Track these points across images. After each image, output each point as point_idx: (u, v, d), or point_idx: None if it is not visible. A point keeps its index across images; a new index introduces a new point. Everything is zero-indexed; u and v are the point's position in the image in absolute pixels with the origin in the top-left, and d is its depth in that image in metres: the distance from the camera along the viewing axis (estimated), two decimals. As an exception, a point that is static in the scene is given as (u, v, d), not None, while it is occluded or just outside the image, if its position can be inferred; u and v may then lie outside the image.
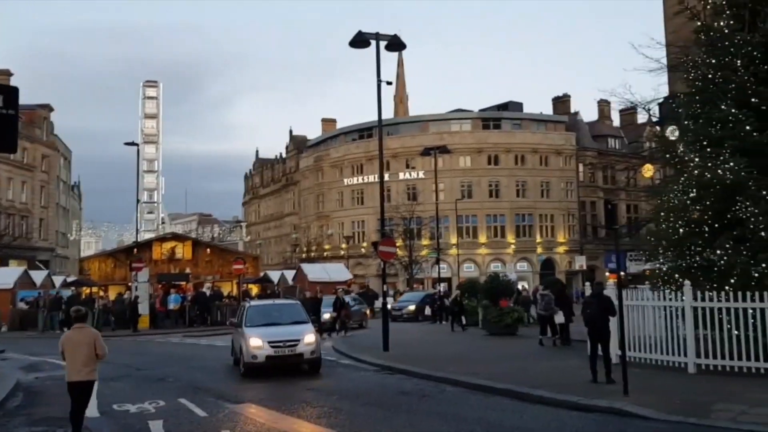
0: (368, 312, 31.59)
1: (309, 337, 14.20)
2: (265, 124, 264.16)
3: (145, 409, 10.71)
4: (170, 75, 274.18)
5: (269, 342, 13.81)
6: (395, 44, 18.72)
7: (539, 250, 57.63)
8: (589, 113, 67.05)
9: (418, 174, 57.16)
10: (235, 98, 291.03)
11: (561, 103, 64.67)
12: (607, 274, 51.51)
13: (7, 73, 59.62)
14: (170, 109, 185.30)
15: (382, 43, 18.50)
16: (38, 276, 38.73)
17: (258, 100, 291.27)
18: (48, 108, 66.00)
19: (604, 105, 62.90)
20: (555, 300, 18.81)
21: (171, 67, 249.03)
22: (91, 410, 10.71)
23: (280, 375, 13.99)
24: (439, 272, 37.27)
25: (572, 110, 63.99)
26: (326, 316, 25.69)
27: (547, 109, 65.82)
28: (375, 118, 19.72)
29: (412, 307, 33.61)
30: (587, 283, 19.53)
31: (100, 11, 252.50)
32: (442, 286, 34.12)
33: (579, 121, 62.38)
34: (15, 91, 4.97)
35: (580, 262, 54.53)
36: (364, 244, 54.47)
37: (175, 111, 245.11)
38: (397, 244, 32.30)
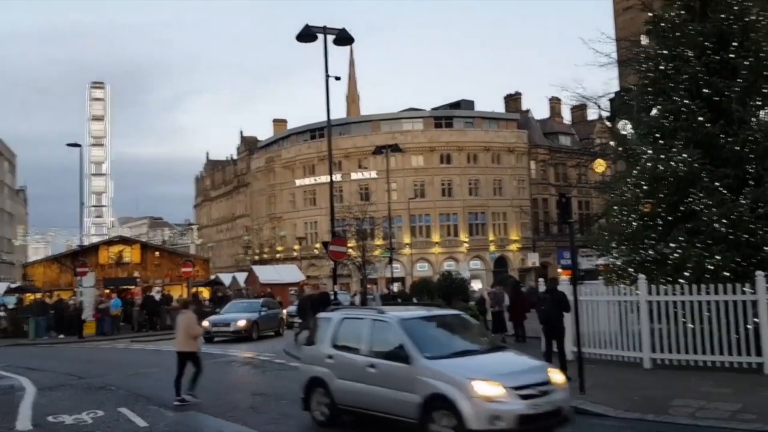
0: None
1: (556, 376, 7.94)
2: (215, 126, 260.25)
3: (82, 420, 10.06)
4: (117, 77, 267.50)
5: (514, 388, 7.26)
6: (343, 38, 18.34)
7: (492, 248, 58.04)
8: (540, 111, 67.95)
9: (370, 174, 56.87)
10: (185, 100, 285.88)
11: (513, 100, 65.32)
12: (559, 270, 52.22)
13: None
14: (118, 111, 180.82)
15: (330, 37, 18.11)
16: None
17: (208, 102, 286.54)
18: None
19: (555, 102, 63.82)
20: (511, 297, 18.72)
21: (117, 69, 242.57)
22: (24, 423, 10.09)
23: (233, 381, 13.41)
24: (392, 272, 37.03)
25: (524, 108, 64.70)
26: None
27: (499, 107, 66.48)
28: (326, 117, 19.31)
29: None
30: (540, 280, 19.61)
31: (43, 14, 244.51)
32: (396, 285, 33.84)
33: (531, 118, 63.13)
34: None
35: (533, 260, 55.09)
36: (317, 245, 53.92)
37: (123, 114, 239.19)
38: (350, 245, 31.85)
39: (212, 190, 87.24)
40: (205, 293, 36.67)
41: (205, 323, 23.07)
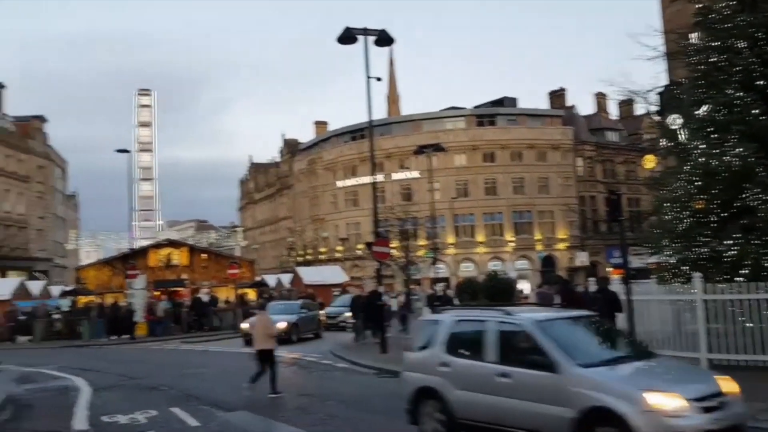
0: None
1: (728, 385, 6.94)
2: (258, 130, 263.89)
3: (136, 420, 10.28)
4: (164, 84, 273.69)
5: (695, 399, 6.37)
6: (384, 39, 18.32)
7: (539, 247, 57.19)
8: (585, 107, 66.79)
9: (412, 174, 56.71)
10: (229, 105, 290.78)
11: (557, 97, 64.25)
12: (609, 269, 51.16)
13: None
14: (165, 117, 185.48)
15: (371, 39, 18.13)
16: (35, 286, 38.30)
17: (251, 106, 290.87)
18: (41, 119, 65.53)
19: (601, 98, 62.55)
20: (562, 297, 18.28)
21: (164, 76, 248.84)
22: (80, 422, 10.35)
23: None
24: (437, 272, 36.83)
25: (568, 104, 63.61)
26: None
27: (543, 104, 65.51)
28: (366, 118, 19.33)
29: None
30: (591, 279, 19.15)
31: (89, 22, 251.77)
32: (441, 286, 33.62)
33: (576, 114, 62.00)
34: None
35: (582, 258, 54.08)
36: (360, 246, 54.09)
37: (170, 119, 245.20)
38: (393, 245, 31.78)
39: (256, 193, 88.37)
40: (251, 295, 37.13)
41: (245, 325, 23.18)
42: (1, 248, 49.20)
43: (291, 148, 76.05)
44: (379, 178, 47.64)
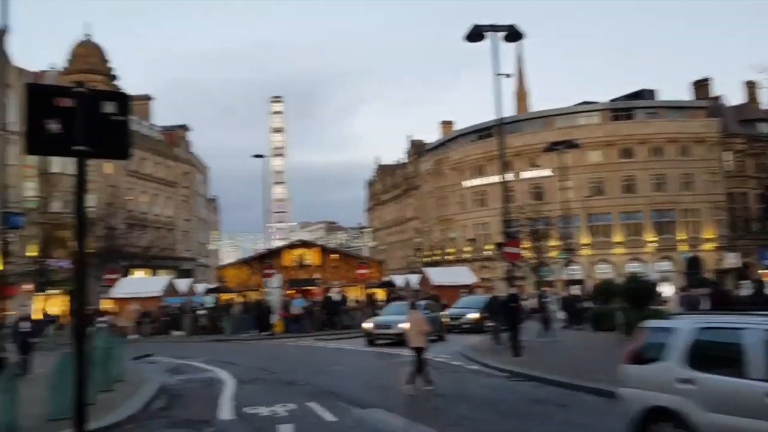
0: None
1: None
2: (385, 132, 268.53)
3: (276, 412, 10.59)
4: (293, 91, 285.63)
5: None
6: (513, 34, 17.78)
7: (682, 247, 53.46)
8: (734, 97, 61.73)
9: (543, 172, 55.05)
10: (356, 109, 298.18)
11: (701, 87, 59.78)
12: (762, 270, 46.82)
13: (147, 98, 64.35)
14: (295, 123, 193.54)
15: (500, 35, 17.67)
16: (182, 284, 41.11)
17: (377, 109, 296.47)
18: (185, 128, 70.50)
19: (751, 87, 57.52)
20: (713, 300, 16.84)
21: (294, 83, 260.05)
22: (226, 413, 10.81)
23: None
24: (570, 274, 35.38)
25: (714, 94, 59.02)
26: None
27: (685, 96, 61.26)
28: (494, 117, 18.87)
29: (474, 315, 27.41)
30: (743, 282, 17.50)
31: (228, 36, 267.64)
32: (576, 288, 32.25)
33: (723, 105, 57.39)
34: (126, 97, 4.78)
35: (732, 260, 49.87)
36: (488, 247, 53.24)
37: (300, 125, 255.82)
38: (524, 246, 30.87)
39: (383, 194, 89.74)
40: (379, 294, 37.64)
41: (368, 325, 23.37)
42: (152, 249, 53.29)
43: (417, 148, 76.50)
44: (509, 177, 46.69)
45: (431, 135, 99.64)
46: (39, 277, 38.25)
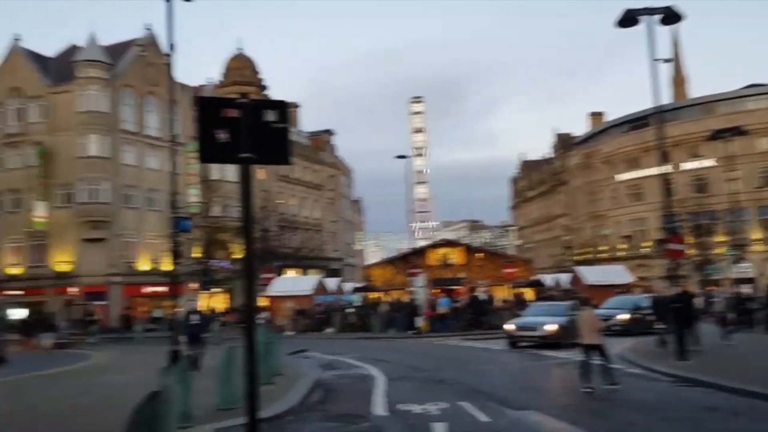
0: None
1: None
2: (528, 127, 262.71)
3: (428, 410, 10.61)
4: (432, 90, 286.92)
5: None
6: (670, 16, 16.52)
7: None
8: None
9: (706, 162, 51.00)
10: (497, 105, 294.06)
11: None
12: None
13: (294, 106, 67.62)
14: (437, 122, 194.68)
15: (655, 18, 16.52)
16: (331, 283, 42.74)
17: (519, 104, 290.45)
18: (329, 132, 73.30)
19: None
20: None
21: (432, 83, 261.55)
22: (379, 409, 11.00)
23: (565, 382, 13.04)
24: (740, 272, 32.48)
25: None
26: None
27: None
28: (647, 106, 17.77)
29: (624, 316, 25.61)
30: None
31: (367, 41, 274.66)
32: (747, 287, 29.53)
33: None
34: (285, 105, 5.02)
35: None
36: (645, 244, 50.22)
37: (439, 124, 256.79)
38: (686, 242, 28.72)
39: (528, 191, 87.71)
40: (528, 294, 36.78)
41: (510, 326, 22.35)
42: (302, 249, 55.93)
43: (564, 142, 74.02)
44: (668, 168, 43.84)
45: (578, 128, 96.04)
46: (203, 277, 41.40)
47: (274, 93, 74.05)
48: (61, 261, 45.75)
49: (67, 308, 43.60)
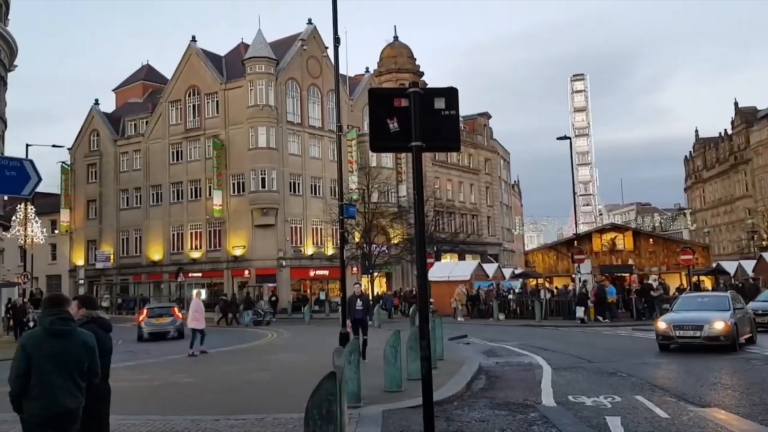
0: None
1: None
2: (702, 101, 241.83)
3: (601, 403, 10.13)
4: (592, 67, 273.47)
5: None
6: None
7: None
8: None
9: None
10: (664, 78, 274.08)
11: None
12: None
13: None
14: (596, 100, 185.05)
15: None
16: (490, 268, 42.38)
17: (690, 77, 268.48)
18: (486, 116, 72.31)
19: None
20: None
21: (589, 60, 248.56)
22: (548, 399, 10.69)
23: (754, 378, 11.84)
24: None
25: None
26: None
27: None
28: None
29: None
30: None
31: (521, 18, 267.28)
32: None
33: None
34: (455, 92, 4.94)
35: None
36: None
37: (601, 102, 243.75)
38: None
39: (704, 171, 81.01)
40: (706, 283, 34.02)
41: (661, 324, 17.65)
42: (459, 234, 55.90)
43: (746, 116, 67.31)
44: None
45: (763, 100, 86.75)
46: (363, 261, 42.78)
47: (429, 78, 74.45)
48: (236, 245, 49.52)
49: (240, 290, 47.26)
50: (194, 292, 24.88)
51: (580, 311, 28.98)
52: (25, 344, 4.66)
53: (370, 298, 36.70)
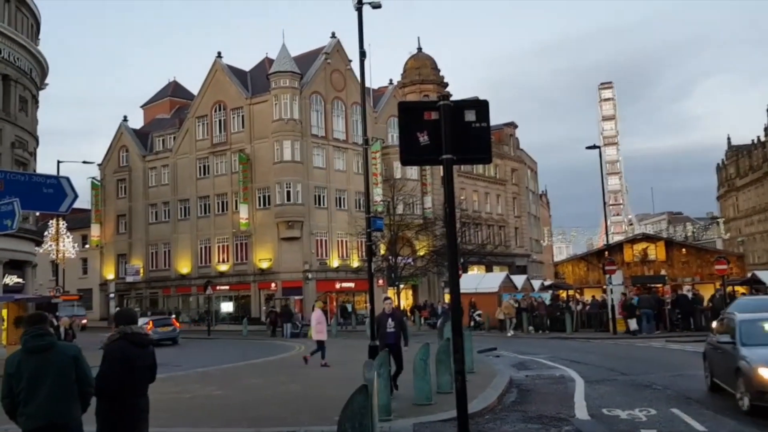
0: None
1: None
2: (734, 108, 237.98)
3: (636, 416, 9.95)
4: (619, 76, 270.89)
5: None
6: None
7: None
8: None
9: None
10: (693, 86, 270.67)
11: None
12: None
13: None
14: (624, 109, 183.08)
15: None
16: (518, 280, 41.94)
17: (720, 83, 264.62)
18: (512, 126, 71.96)
19: None
20: None
21: (617, 69, 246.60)
22: (581, 412, 10.52)
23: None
24: None
25: None
26: None
27: None
28: None
29: None
30: None
31: (546, 29, 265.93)
32: None
33: None
34: (485, 105, 4.93)
35: None
36: None
37: (629, 111, 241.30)
38: None
39: (737, 179, 79.55)
40: (741, 292, 33.16)
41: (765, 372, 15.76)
42: (486, 245, 55.46)
43: (778, 124, 65.99)
44: None
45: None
46: (389, 273, 42.64)
47: (454, 89, 74.41)
48: (263, 258, 49.81)
49: (267, 302, 47.37)
50: (315, 303, 24.45)
51: (632, 323, 28.30)
52: (6, 366, 4.88)
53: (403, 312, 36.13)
